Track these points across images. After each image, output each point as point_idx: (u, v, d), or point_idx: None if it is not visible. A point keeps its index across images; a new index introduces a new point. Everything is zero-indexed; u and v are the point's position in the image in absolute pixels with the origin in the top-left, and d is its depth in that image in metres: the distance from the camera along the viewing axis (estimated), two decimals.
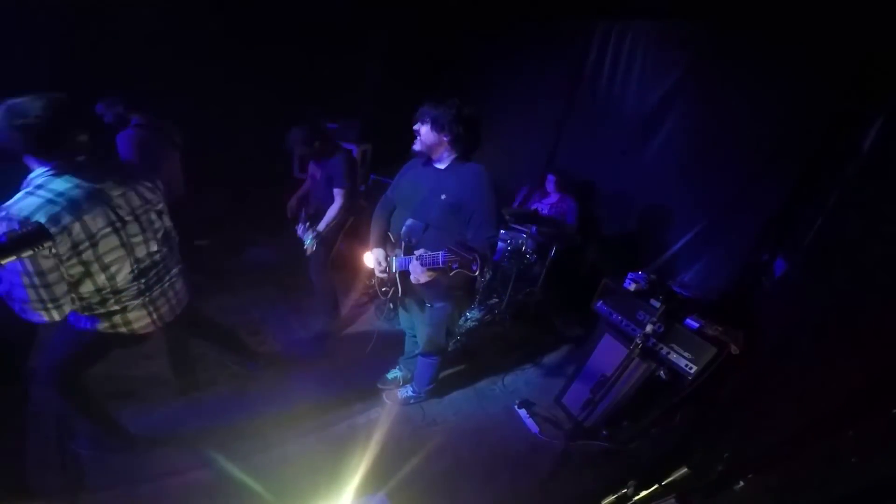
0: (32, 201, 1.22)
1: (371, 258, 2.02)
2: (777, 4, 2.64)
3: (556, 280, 3.49)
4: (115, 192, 1.39)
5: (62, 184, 1.27)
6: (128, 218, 1.42)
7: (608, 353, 2.27)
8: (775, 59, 2.67)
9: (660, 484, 1.24)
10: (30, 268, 1.20)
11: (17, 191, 1.26)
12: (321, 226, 2.61)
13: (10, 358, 2.14)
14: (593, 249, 3.81)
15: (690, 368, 1.96)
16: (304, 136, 2.52)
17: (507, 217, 3.39)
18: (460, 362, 2.89)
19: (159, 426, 2.08)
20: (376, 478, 1.89)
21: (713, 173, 3.08)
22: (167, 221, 1.63)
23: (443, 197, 1.74)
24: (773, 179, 2.74)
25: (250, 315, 3.14)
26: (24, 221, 1.17)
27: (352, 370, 2.71)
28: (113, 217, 1.37)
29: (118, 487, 1.75)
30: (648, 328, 1.97)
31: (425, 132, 1.74)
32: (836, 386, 1.13)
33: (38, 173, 1.28)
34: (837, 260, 1.76)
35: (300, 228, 2.69)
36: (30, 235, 1.08)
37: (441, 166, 1.80)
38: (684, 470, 1.20)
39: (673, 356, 2.02)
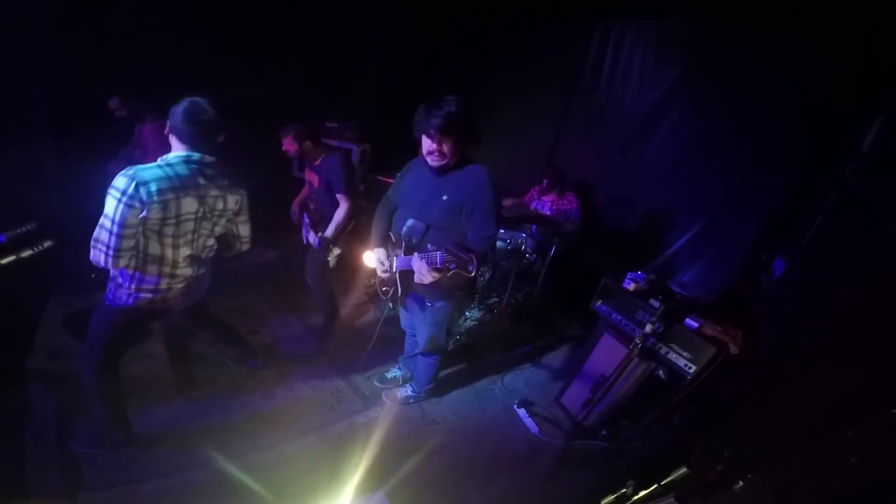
0: (157, 172, 1.46)
1: (372, 258, 2.02)
2: (776, 4, 2.64)
3: (556, 280, 3.49)
4: (213, 193, 1.63)
5: (185, 169, 1.52)
6: (209, 215, 1.65)
7: (607, 353, 2.27)
8: (774, 58, 2.67)
9: (659, 484, 1.24)
10: (118, 217, 1.38)
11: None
12: (329, 232, 2.57)
13: (10, 358, 2.14)
14: (593, 249, 3.81)
15: (689, 368, 1.96)
16: (293, 133, 2.52)
17: (506, 215, 3.39)
18: (460, 362, 2.89)
19: (159, 425, 2.08)
20: (376, 477, 1.88)
21: (712, 173, 3.08)
22: (232, 227, 1.83)
23: (444, 198, 1.73)
24: (772, 179, 2.75)
25: (250, 315, 3.14)
26: (142, 183, 1.39)
27: (351, 369, 2.71)
28: (200, 210, 1.60)
29: (118, 487, 1.75)
30: (648, 328, 1.97)
31: (452, 147, 1.65)
32: (835, 385, 1.13)
33: (175, 155, 1.54)
34: (837, 260, 1.76)
35: (311, 237, 2.66)
36: (29, 234, 1.08)
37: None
38: (684, 470, 1.20)
39: (672, 356, 2.02)
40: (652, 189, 3.46)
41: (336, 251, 2.62)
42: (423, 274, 1.69)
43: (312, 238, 2.64)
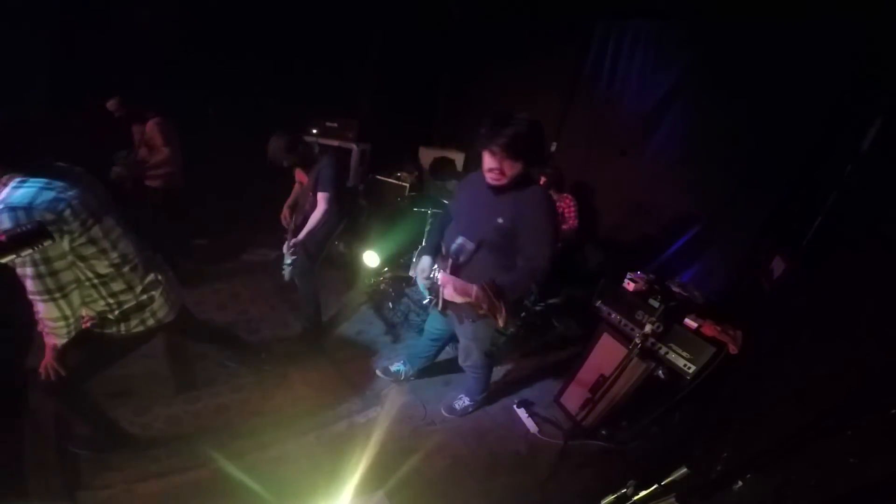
0: (27, 191, 1.23)
1: (418, 266, 1.96)
2: (776, 4, 2.64)
3: (556, 280, 3.49)
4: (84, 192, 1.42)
5: (42, 179, 1.29)
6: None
7: (607, 353, 2.27)
8: (774, 58, 2.67)
9: (659, 483, 1.24)
10: (37, 254, 1.23)
11: None
12: (302, 234, 2.54)
13: (10, 358, 2.14)
14: (593, 249, 3.81)
15: (689, 368, 1.96)
16: (286, 144, 2.44)
17: None
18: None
19: (158, 425, 2.08)
20: (376, 477, 1.88)
21: (712, 173, 3.08)
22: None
23: (499, 220, 1.66)
24: (772, 179, 2.75)
25: (249, 314, 3.14)
26: (27, 208, 1.19)
27: (352, 369, 2.71)
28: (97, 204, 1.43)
29: (117, 487, 1.75)
30: (647, 328, 1.97)
31: (515, 168, 1.58)
32: (834, 385, 1.13)
33: (17, 180, 1.28)
34: (837, 260, 1.76)
35: (284, 246, 2.60)
36: (30, 234, 1.08)
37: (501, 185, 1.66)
38: (684, 469, 1.20)
39: (672, 356, 2.02)
40: (652, 189, 3.46)
41: (287, 260, 2.59)
42: (450, 294, 1.69)
43: (285, 246, 2.58)
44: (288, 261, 2.59)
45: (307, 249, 2.65)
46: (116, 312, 1.53)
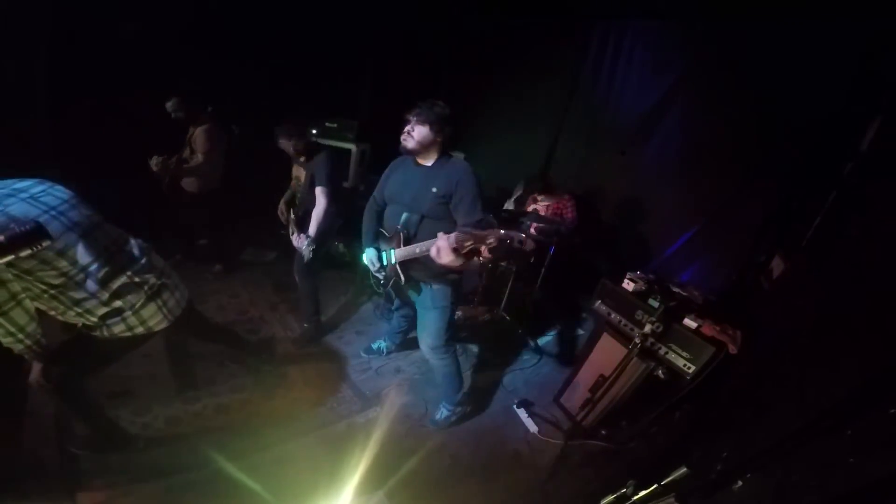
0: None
1: (367, 257, 2.16)
2: (776, 4, 2.64)
3: (555, 280, 3.49)
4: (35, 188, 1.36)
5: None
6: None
7: (607, 353, 2.27)
8: (774, 58, 2.67)
9: (659, 483, 1.24)
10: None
11: None
12: (311, 230, 2.56)
13: (10, 358, 2.14)
14: (592, 249, 3.80)
15: (689, 368, 1.96)
16: (297, 127, 2.60)
17: (504, 215, 3.38)
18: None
19: (158, 425, 2.07)
20: (375, 477, 1.88)
21: (712, 173, 3.08)
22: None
23: (433, 190, 1.87)
24: (771, 179, 2.75)
25: (249, 314, 3.14)
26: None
27: (351, 369, 2.72)
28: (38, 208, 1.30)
29: (117, 487, 1.74)
30: (647, 328, 1.97)
31: (423, 133, 1.85)
32: (834, 386, 1.13)
33: None
34: (836, 260, 1.76)
35: (295, 239, 2.67)
36: (28, 234, 1.08)
37: (428, 163, 1.93)
38: (683, 469, 1.20)
39: (671, 356, 2.02)
40: (651, 189, 3.46)
41: (311, 246, 2.60)
42: (443, 252, 1.60)
43: (296, 240, 2.66)
44: (307, 251, 2.61)
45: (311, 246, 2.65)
46: (93, 319, 1.48)
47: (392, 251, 2.02)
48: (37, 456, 1.80)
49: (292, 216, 2.77)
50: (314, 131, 4.26)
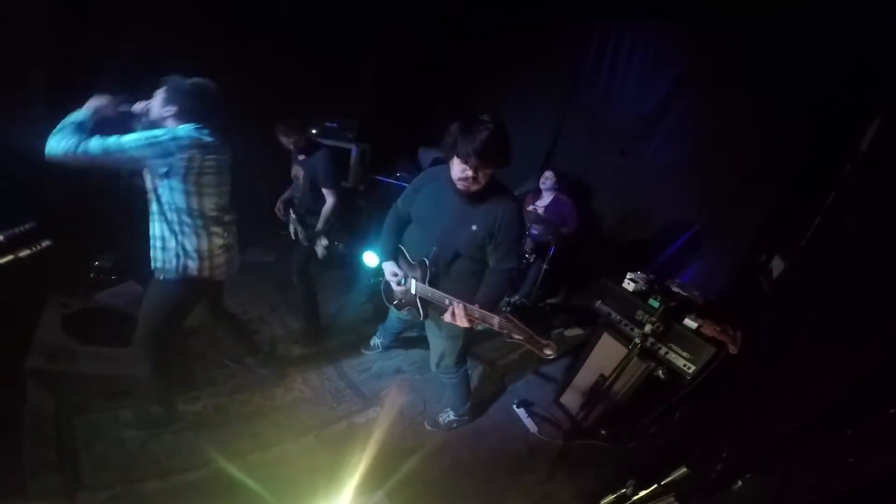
0: (184, 131, 1.68)
1: (386, 270, 1.91)
2: (775, 4, 2.64)
3: (556, 280, 3.50)
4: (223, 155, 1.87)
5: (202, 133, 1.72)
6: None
7: (607, 353, 2.27)
8: (773, 58, 2.67)
9: (659, 483, 1.24)
10: None
11: None
12: (319, 226, 2.59)
13: (10, 358, 2.14)
14: (593, 249, 3.81)
15: (689, 368, 1.96)
16: (299, 122, 2.59)
17: None
18: None
19: (157, 425, 2.07)
20: (375, 477, 1.88)
21: (712, 173, 3.09)
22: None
23: (473, 227, 1.64)
24: (771, 179, 2.75)
25: (250, 314, 3.14)
26: (176, 138, 1.60)
27: (351, 369, 2.71)
28: (214, 165, 1.79)
29: (117, 487, 1.74)
30: (647, 328, 1.97)
31: (489, 174, 1.57)
32: (834, 385, 1.13)
33: (187, 128, 1.70)
34: (836, 260, 1.76)
35: (300, 234, 2.68)
36: (28, 234, 1.08)
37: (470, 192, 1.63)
38: (683, 469, 1.20)
39: (671, 356, 2.02)
40: (651, 189, 3.46)
41: (324, 242, 2.61)
42: (458, 318, 1.59)
43: (302, 235, 2.67)
44: (321, 249, 2.62)
45: (305, 250, 2.67)
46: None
47: (413, 281, 1.81)
48: (37, 456, 1.80)
49: (293, 216, 2.77)
50: (314, 131, 4.26)
